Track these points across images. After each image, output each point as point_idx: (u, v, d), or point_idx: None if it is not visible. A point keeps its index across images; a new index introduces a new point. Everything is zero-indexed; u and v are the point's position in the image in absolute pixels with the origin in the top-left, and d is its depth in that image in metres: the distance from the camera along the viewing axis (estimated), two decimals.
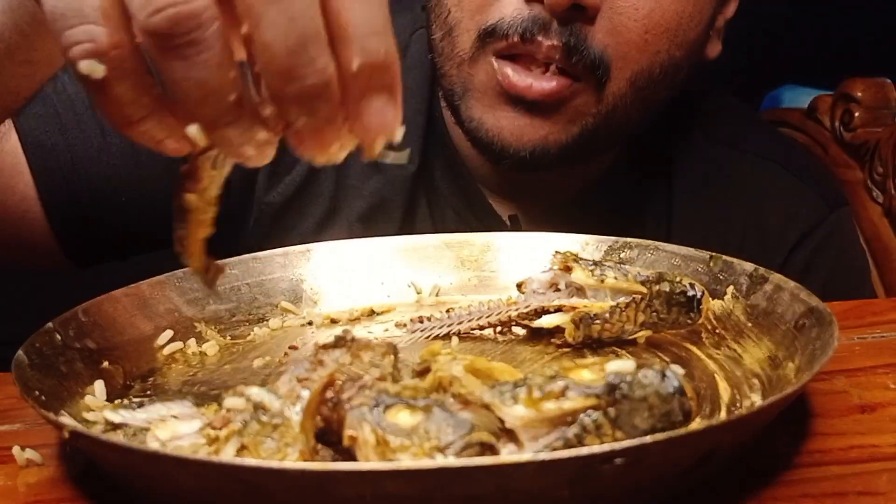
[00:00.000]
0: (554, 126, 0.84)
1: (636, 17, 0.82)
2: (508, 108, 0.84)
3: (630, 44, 0.82)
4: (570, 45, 0.81)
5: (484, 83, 0.85)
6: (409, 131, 0.99)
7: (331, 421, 0.49)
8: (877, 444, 0.53)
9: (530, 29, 0.81)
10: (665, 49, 0.84)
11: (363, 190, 0.95)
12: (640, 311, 0.66)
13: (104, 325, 0.65)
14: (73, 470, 0.53)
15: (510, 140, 0.85)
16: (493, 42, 0.83)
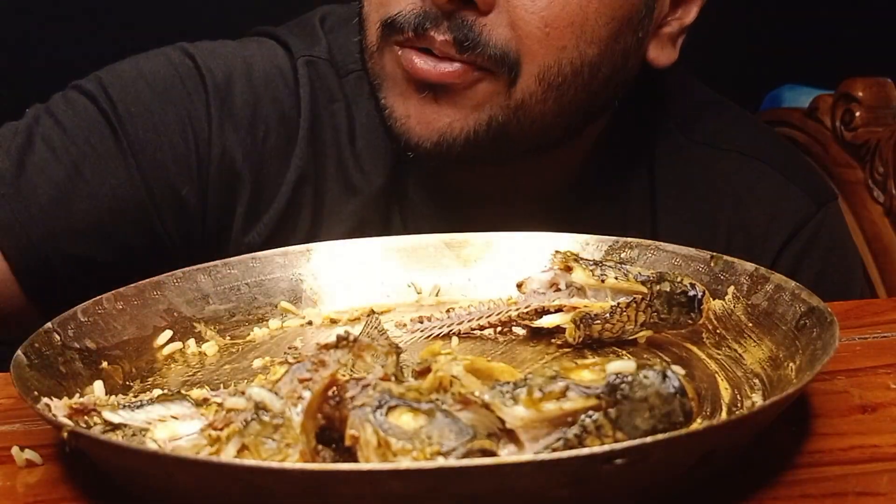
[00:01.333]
0: (458, 112, 0.83)
1: (533, 10, 0.80)
2: (416, 94, 0.83)
3: (532, 37, 0.81)
4: (460, 40, 0.80)
5: (392, 71, 0.84)
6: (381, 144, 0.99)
7: (333, 419, 0.49)
8: (877, 444, 0.53)
9: (422, 24, 0.80)
10: (572, 45, 0.82)
11: (341, 214, 0.94)
12: (641, 312, 0.66)
13: (103, 325, 0.65)
14: (73, 470, 0.53)
15: (416, 129, 0.84)
16: (393, 35, 0.83)
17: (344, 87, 0.96)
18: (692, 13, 0.92)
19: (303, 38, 0.98)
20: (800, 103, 1.38)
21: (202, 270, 0.74)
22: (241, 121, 0.92)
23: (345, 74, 0.96)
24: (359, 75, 0.95)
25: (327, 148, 0.95)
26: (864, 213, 1.20)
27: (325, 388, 0.49)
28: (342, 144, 0.95)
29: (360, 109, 0.96)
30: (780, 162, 1.00)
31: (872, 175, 1.19)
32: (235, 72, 0.94)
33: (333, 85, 0.96)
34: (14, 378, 0.54)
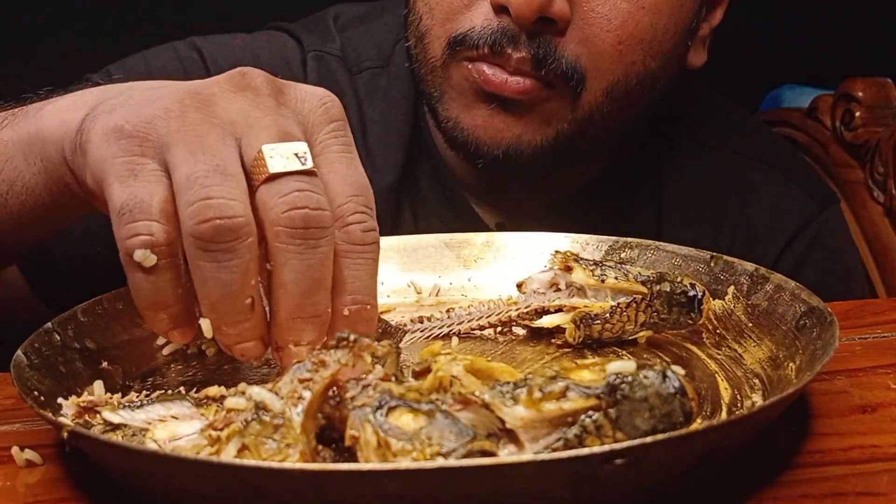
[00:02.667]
0: (527, 126, 0.84)
1: (609, 28, 0.82)
2: (484, 105, 0.84)
3: (604, 55, 0.82)
4: (538, 57, 0.81)
5: (460, 83, 0.85)
6: (393, 140, 0.99)
7: (333, 419, 0.49)
8: (877, 444, 0.53)
9: (499, 41, 0.81)
10: (640, 60, 0.84)
11: None
12: (641, 312, 0.66)
13: (103, 325, 0.65)
14: (73, 470, 0.53)
15: (485, 138, 0.85)
16: (463, 51, 0.83)
17: (355, 84, 0.97)
18: (719, 15, 0.94)
19: (315, 34, 0.99)
20: (800, 103, 1.38)
21: None
22: None
23: (357, 71, 0.97)
24: (373, 73, 0.96)
25: None
26: (864, 213, 1.21)
27: (325, 388, 0.49)
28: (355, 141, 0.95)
29: (374, 106, 0.96)
30: (784, 165, 1.02)
31: (872, 175, 1.20)
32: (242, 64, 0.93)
33: (343, 81, 0.97)
34: (14, 378, 0.54)
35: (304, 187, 0.51)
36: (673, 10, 0.85)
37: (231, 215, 0.50)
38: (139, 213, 0.51)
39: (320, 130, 0.55)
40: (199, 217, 0.49)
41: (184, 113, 0.52)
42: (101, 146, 0.53)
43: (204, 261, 0.50)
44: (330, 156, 0.54)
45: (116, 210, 0.51)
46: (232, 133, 0.52)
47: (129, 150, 0.52)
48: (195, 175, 0.50)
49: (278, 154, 0.51)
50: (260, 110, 0.53)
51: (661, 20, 0.84)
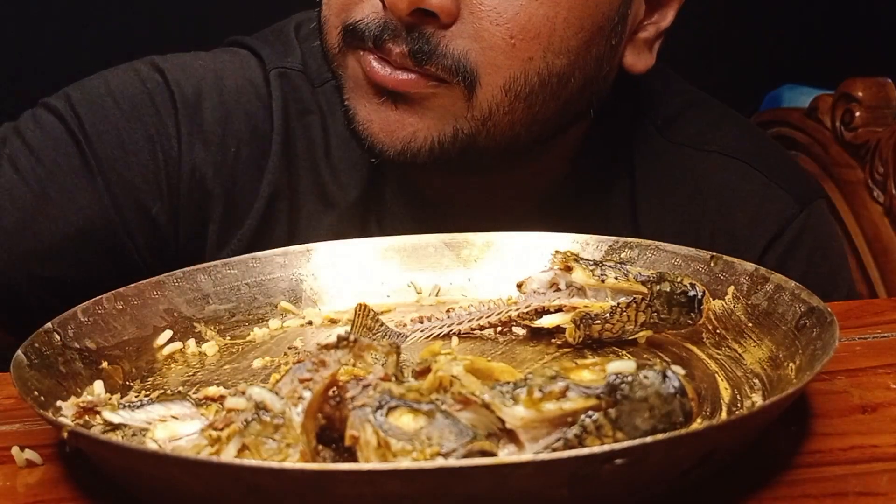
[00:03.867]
0: (422, 122, 0.82)
1: (498, 22, 0.79)
2: (375, 98, 0.82)
3: (496, 49, 0.79)
4: (415, 52, 0.78)
5: (354, 71, 0.83)
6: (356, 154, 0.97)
7: (333, 419, 0.49)
8: (877, 444, 0.53)
9: (380, 36, 0.79)
10: (539, 56, 0.81)
11: (318, 228, 0.93)
12: (641, 312, 0.66)
13: (103, 325, 0.65)
14: (73, 470, 0.53)
15: (380, 136, 0.83)
16: (354, 41, 0.82)
17: (318, 98, 0.95)
18: (669, 17, 0.90)
19: (277, 47, 0.97)
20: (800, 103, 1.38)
21: (202, 270, 0.74)
22: (211, 137, 0.91)
23: (319, 84, 0.95)
24: (334, 84, 0.95)
25: (301, 161, 0.94)
26: (864, 213, 1.20)
27: (325, 388, 0.49)
28: (317, 157, 0.94)
29: (336, 120, 0.94)
30: (763, 162, 0.98)
31: (872, 175, 1.19)
32: (206, 86, 0.92)
33: (307, 96, 0.95)
34: (14, 378, 0.54)
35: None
36: (574, 3, 0.81)
37: None
38: None
39: None
40: None
41: None
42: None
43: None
44: None
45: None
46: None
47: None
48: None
49: None
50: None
51: (561, 13, 0.80)
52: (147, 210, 0.89)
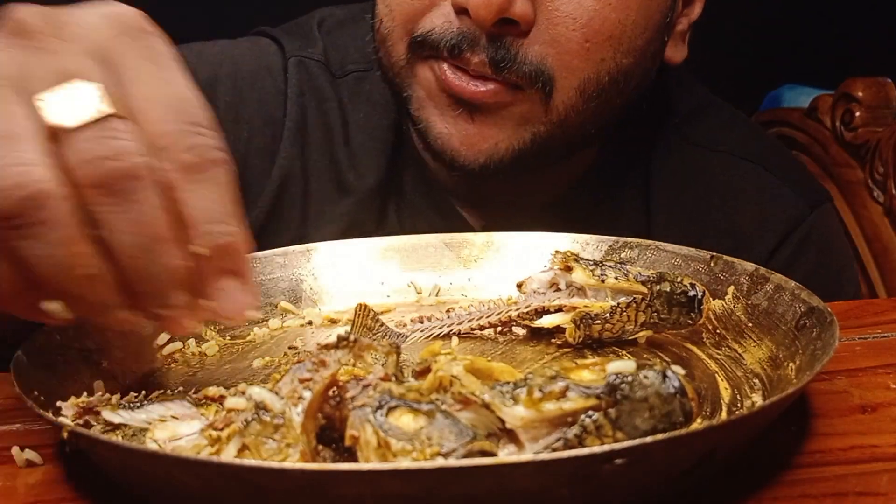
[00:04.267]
0: (502, 133, 0.83)
1: (574, 27, 0.80)
2: (452, 110, 0.83)
3: (571, 53, 0.81)
4: (496, 60, 0.79)
5: (426, 81, 0.84)
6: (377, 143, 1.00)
7: (333, 418, 0.49)
8: (877, 444, 0.53)
9: (459, 45, 0.80)
10: (610, 57, 0.83)
11: (332, 212, 0.94)
12: (641, 312, 0.66)
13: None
14: (73, 470, 0.53)
15: (461, 150, 0.83)
16: (425, 52, 0.82)
17: (338, 88, 0.96)
18: (697, 9, 0.93)
19: (298, 38, 0.98)
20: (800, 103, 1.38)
21: None
22: (223, 122, 0.90)
23: (341, 75, 0.97)
24: (357, 76, 0.96)
25: (316, 147, 0.95)
26: (864, 213, 1.20)
27: (325, 388, 0.49)
28: (335, 144, 0.96)
29: (357, 109, 0.96)
30: (773, 164, 1.01)
31: (872, 175, 1.19)
32: (221, 72, 0.94)
33: (325, 85, 0.96)
34: (14, 378, 0.54)
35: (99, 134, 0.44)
36: (642, 5, 0.83)
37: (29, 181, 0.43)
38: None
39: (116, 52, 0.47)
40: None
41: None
42: None
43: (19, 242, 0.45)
44: (135, 77, 0.47)
45: None
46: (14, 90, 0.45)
47: None
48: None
49: (60, 105, 0.45)
50: (37, 56, 0.46)
51: (630, 16, 0.82)
52: None
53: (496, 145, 0.83)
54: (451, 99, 0.82)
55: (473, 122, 0.82)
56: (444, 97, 0.83)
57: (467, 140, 0.83)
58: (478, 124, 0.83)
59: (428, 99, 0.84)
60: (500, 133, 0.83)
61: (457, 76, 0.81)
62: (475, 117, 0.82)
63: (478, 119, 0.82)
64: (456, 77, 0.81)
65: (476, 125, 0.83)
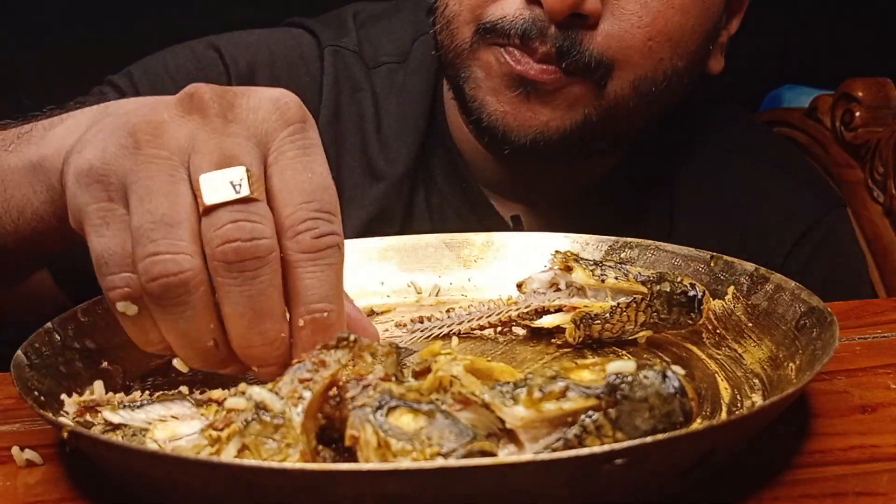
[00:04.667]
0: (554, 112, 0.86)
1: (639, 25, 0.84)
2: (509, 91, 0.86)
3: (633, 49, 0.84)
4: (563, 50, 0.83)
5: (487, 64, 0.86)
6: (408, 132, 1.02)
7: (333, 419, 0.49)
8: (877, 444, 0.53)
9: (529, 32, 0.83)
10: (668, 57, 0.86)
11: (363, 199, 0.96)
12: (641, 312, 0.66)
13: (103, 325, 0.65)
14: (73, 470, 0.53)
15: (512, 125, 0.86)
16: (493, 38, 0.85)
17: (372, 78, 0.99)
18: (736, 24, 0.97)
19: (333, 29, 1.01)
20: (800, 103, 1.37)
21: None
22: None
23: (375, 66, 0.99)
24: (391, 67, 0.99)
25: (349, 135, 0.97)
26: (864, 213, 1.20)
27: (325, 388, 0.49)
28: (367, 132, 0.98)
29: (390, 100, 0.98)
30: (792, 168, 1.04)
31: (872, 175, 1.19)
32: (259, 60, 0.97)
33: (360, 75, 0.99)
34: (14, 378, 0.54)
35: (238, 217, 0.50)
36: (700, 12, 0.87)
37: (177, 271, 0.50)
38: (114, 265, 0.51)
39: (275, 138, 0.53)
40: (148, 275, 0.50)
41: (137, 148, 0.51)
42: (76, 193, 0.53)
43: (161, 313, 0.51)
44: (283, 163, 0.53)
45: (96, 262, 0.52)
46: (182, 163, 0.52)
47: (97, 196, 0.52)
48: (142, 227, 0.50)
49: (212, 184, 0.51)
50: (206, 132, 0.53)
51: (690, 21, 0.86)
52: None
53: (546, 124, 0.86)
54: (511, 81, 0.85)
55: (528, 102, 0.86)
56: (503, 79, 0.86)
57: (520, 117, 0.86)
58: (532, 104, 0.86)
59: (486, 80, 0.87)
60: (553, 113, 0.86)
61: (522, 57, 0.84)
62: (530, 98, 0.85)
63: (532, 99, 0.85)
64: (521, 58, 0.84)
65: (530, 105, 0.86)
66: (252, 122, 0.53)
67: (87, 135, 0.55)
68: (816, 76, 1.58)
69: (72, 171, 0.54)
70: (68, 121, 0.64)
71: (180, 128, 0.52)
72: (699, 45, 0.90)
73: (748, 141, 1.05)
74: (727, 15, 0.95)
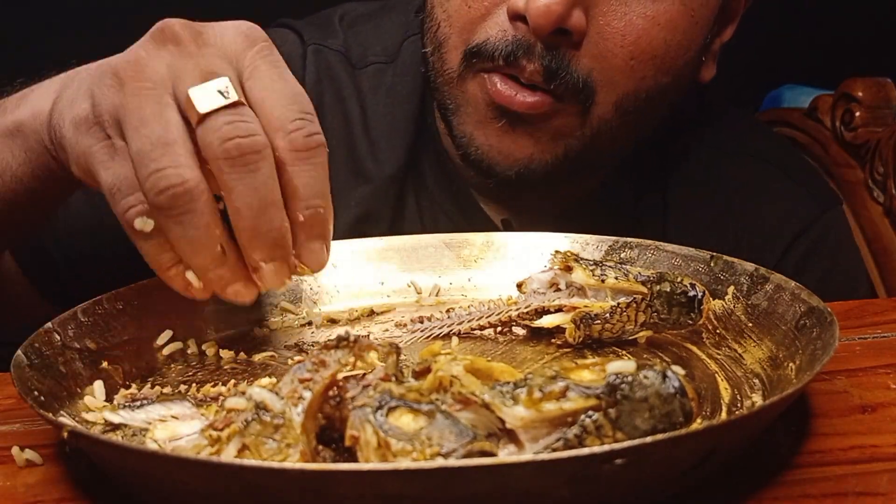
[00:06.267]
0: (537, 146, 0.85)
1: (623, 44, 0.82)
2: (495, 122, 0.85)
3: (616, 69, 0.83)
4: (551, 69, 0.81)
5: (475, 96, 0.86)
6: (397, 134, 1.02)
7: (333, 419, 0.49)
8: (877, 444, 0.53)
9: (514, 52, 0.82)
10: (651, 75, 0.85)
11: (350, 199, 0.95)
12: (641, 312, 0.66)
13: (103, 325, 0.65)
14: (73, 470, 0.53)
15: (498, 159, 0.86)
16: (479, 62, 0.84)
17: (358, 79, 0.98)
18: (730, 31, 0.95)
19: (319, 30, 1.01)
20: (800, 103, 1.37)
21: None
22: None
23: (362, 66, 0.99)
24: (378, 67, 0.98)
25: (334, 135, 0.97)
26: (864, 213, 1.20)
27: (325, 388, 0.49)
28: (354, 133, 0.97)
29: (378, 100, 0.97)
30: (788, 167, 1.03)
31: (872, 175, 1.19)
32: None
33: (344, 75, 0.98)
34: (14, 378, 0.54)
35: (232, 118, 0.55)
36: (688, 27, 0.85)
37: (180, 181, 0.54)
38: (125, 189, 0.56)
39: (245, 56, 0.59)
40: (155, 190, 0.54)
41: (122, 85, 0.57)
42: (76, 140, 0.59)
43: (171, 225, 0.55)
44: (260, 74, 0.58)
45: (108, 192, 0.57)
46: (165, 89, 0.57)
47: (98, 136, 0.58)
48: (141, 151, 0.55)
49: (203, 95, 0.56)
50: (183, 58, 0.58)
51: (676, 37, 0.84)
52: None
53: (531, 157, 0.86)
54: (496, 111, 0.85)
55: (513, 133, 0.85)
56: (489, 110, 0.85)
57: (504, 150, 0.86)
58: (517, 134, 0.85)
59: (473, 113, 0.87)
60: (536, 145, 0.86)
61: (507, 86, 0.83)
62: (516, 129, 0.85)
63: (517, 130, 0.85)
64: (507, 87, 0.83)
65: (515, 135, 0.85)
66: (221, 45, 0.59)
67: (70, 91, 0.62)
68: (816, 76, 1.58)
69: (68, 122, 0.59)
70: (38, 89, 0.68)
71: (159, 59, 0.58)
72: (687, 61, 0.88)
73: (744, 140, 1.04)
74: (720, 24, 0.93)
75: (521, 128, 0.85)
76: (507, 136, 0.85)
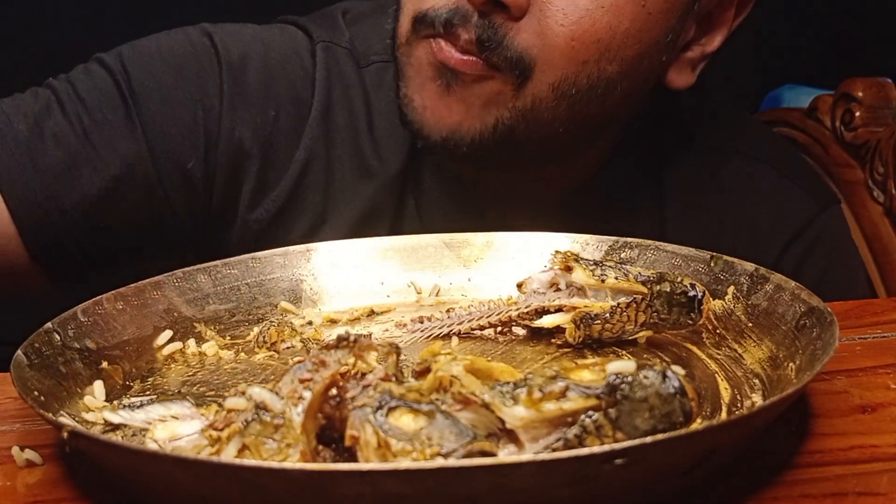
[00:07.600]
0: (468, 112, 0.84)
1: (563, 23, 0.81)
2: (433, 83, 0.85)
3: (555, 48, 0.82)
4: (482, 39, 0.81)
5: (419, 60, 0.86)
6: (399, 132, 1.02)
7: (333, 419, 0.49)
8: (877, 444, 0.53)
9: (451, 20, 0.82)
10: (594, 60, 0.83)
11: (354, 196, 0.96)
12: (641, 312, 0.66)
13: (103, 326, 0.65)
14: (73, 470, 0.53)
15: (431, 121, 0.86)
16: (424, 29, 0.84)
17: (363, 76, 0.98)
18: (716, 41, 0.93)
19: (325, 27, 1.01)
20: (800, 103, 1.38)
21: (202, 270, 0.74)
22: (252, 100, 0.94)
23: (365, 64, 0.99)
24: (380, 66, 0.98)
25: (341, 131, 0.97)
26: (864, 213, 1.20)
27: (325, 388, 0.49)
28: (359, 130, 0.98)
29: (381, 98, 0.98)
30: (785, 165, 1.02)
31: (872, 175, 1.19)
32: (252, 52, 0.96)
33: (351, 72, 0.98)
34: (14, 378, 0.54)
35: None
36: (638, 16, 0.83)
37: None
38: None
39: None
40: None
41: None
42: None
43: None
44: None
45: None
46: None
47: None
48: None
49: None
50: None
51: (623, 24, 0.83)
52: (183, 164, 0.91)
53: (460, 123, 0.85)
54: (434, 70, 0.84)
55: (447, 97, 0.84)
56: (430, 69, 0.85)
57: (437, 113, 0.85)
58: (451, 97, 0.84)
59: (416, 77, 0.86)
60: (467, 112, 0.84)
61: (448, 46, 0.83)
62: (451, 90, 0.84)
63: (452, 92, 0.84)
64: (445, 46, 0.83)
65: (449, 98, 0.84)
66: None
67: None
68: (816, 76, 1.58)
69: None
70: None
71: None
72: (638, 53, 0.85)
73: (742, 139, 1.03)
74: (701, 30, 0.92)
75: (456, 92, 0.84)
76: (441, 99, 0.85)
